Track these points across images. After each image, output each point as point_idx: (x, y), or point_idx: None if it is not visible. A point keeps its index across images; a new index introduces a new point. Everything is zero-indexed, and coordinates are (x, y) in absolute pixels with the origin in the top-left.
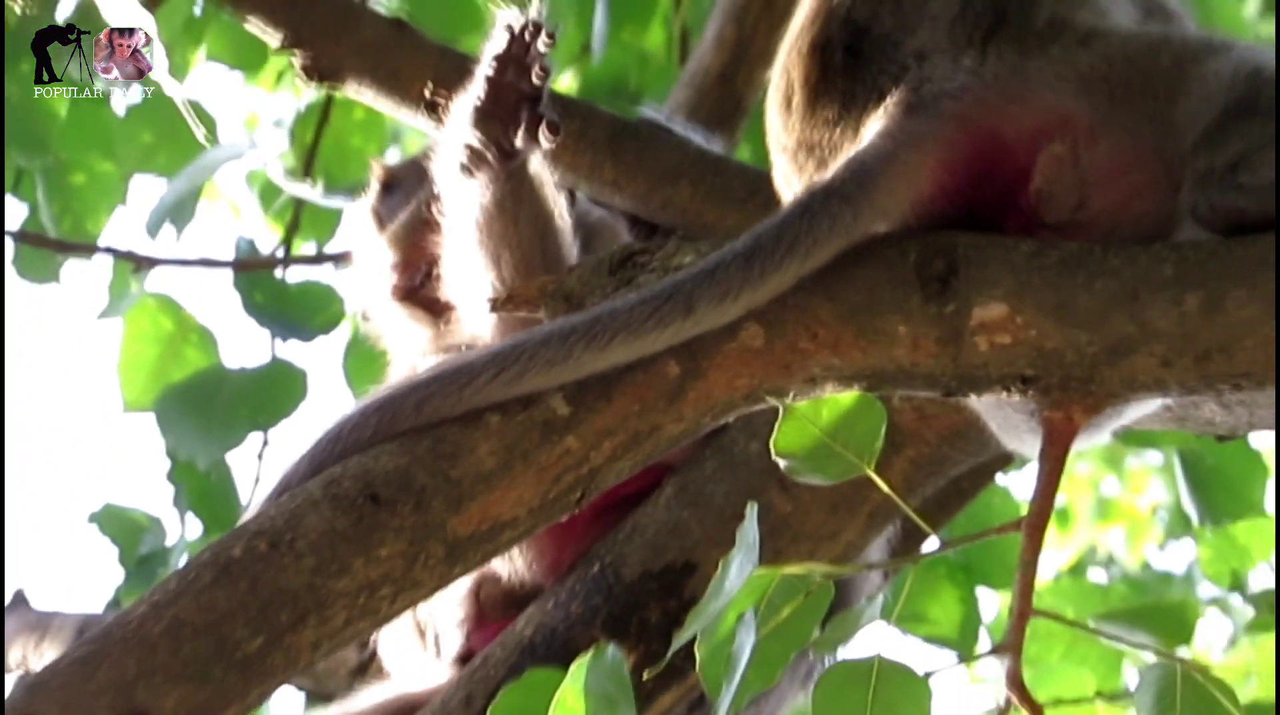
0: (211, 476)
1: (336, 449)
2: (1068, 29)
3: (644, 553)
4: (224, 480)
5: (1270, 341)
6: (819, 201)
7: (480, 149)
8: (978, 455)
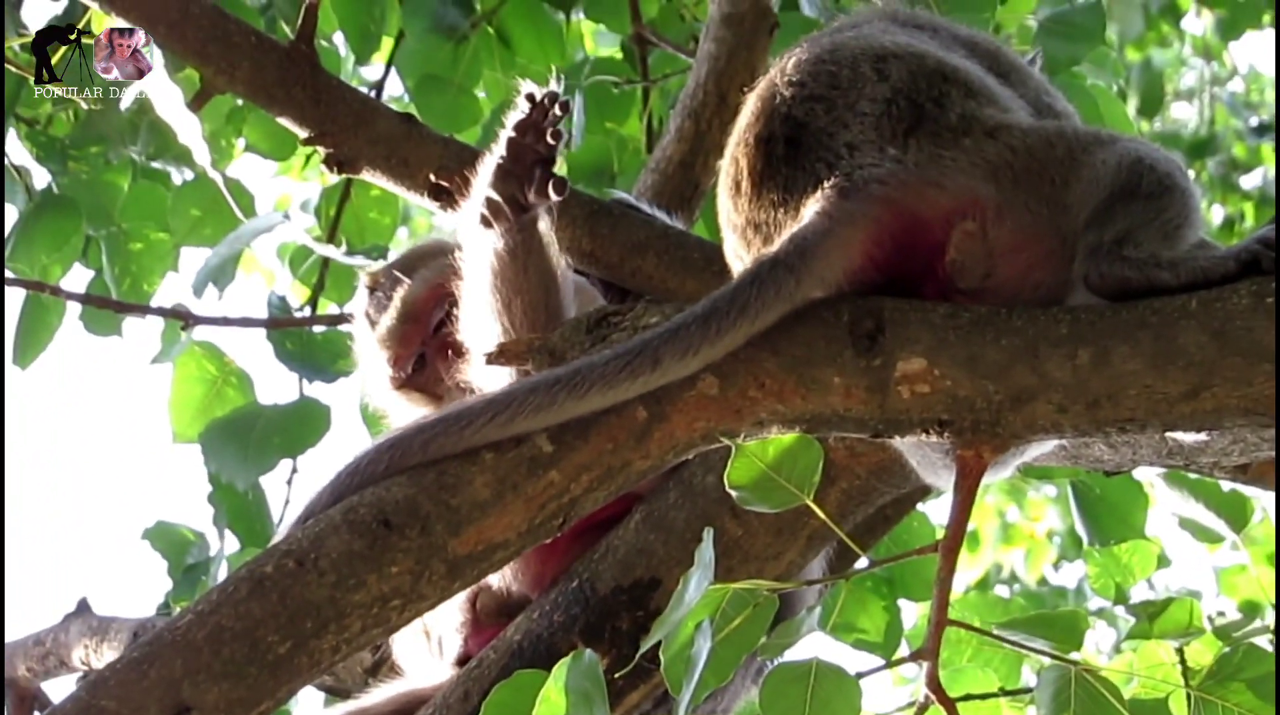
0: (248, 497)
1: (355, 481)
2: (976, 123)
3: (616, 570)
4: (258, 501)
5: (1149, 391)
6: (766, 271)
7: (498, 203)
8: (901, 487)
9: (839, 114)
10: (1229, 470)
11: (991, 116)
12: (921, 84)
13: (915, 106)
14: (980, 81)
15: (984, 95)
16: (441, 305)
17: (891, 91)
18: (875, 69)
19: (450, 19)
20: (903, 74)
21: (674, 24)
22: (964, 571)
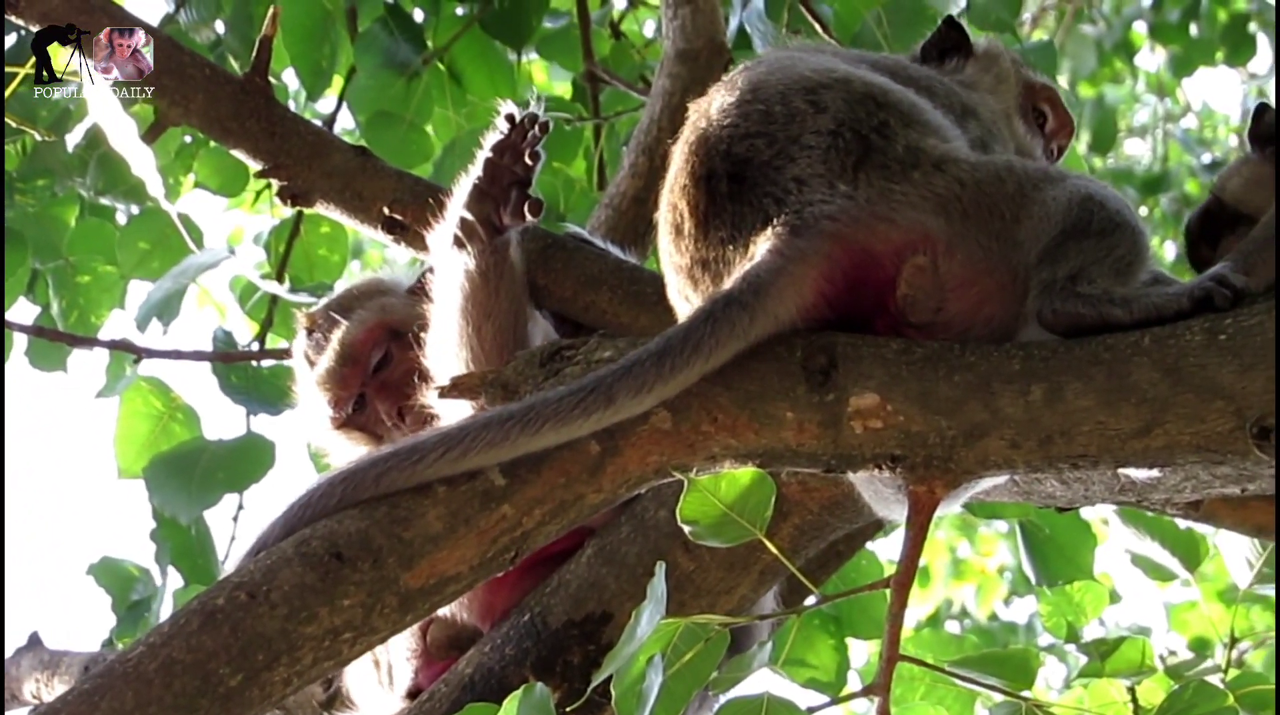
0: (192, 533)
1: (306, 514)
2: (922, 155)
3: (568, 604)
4: (203, 537)
5: (1101, 427)
6: (720, 308)
7: (473, 224)
8: (853, 522)
9: (782, 147)
10: (1181, 507)
11: (935, 145)
12: (860, 112)
13: (861, 138)
14: (910, 103)
15: (919, 122)
16: (380, 346)
17: (834, 123)
18: (809, 101)
19: (402, 55)
20: (838, 103)
21: (625, 62)
22: (915, 607)
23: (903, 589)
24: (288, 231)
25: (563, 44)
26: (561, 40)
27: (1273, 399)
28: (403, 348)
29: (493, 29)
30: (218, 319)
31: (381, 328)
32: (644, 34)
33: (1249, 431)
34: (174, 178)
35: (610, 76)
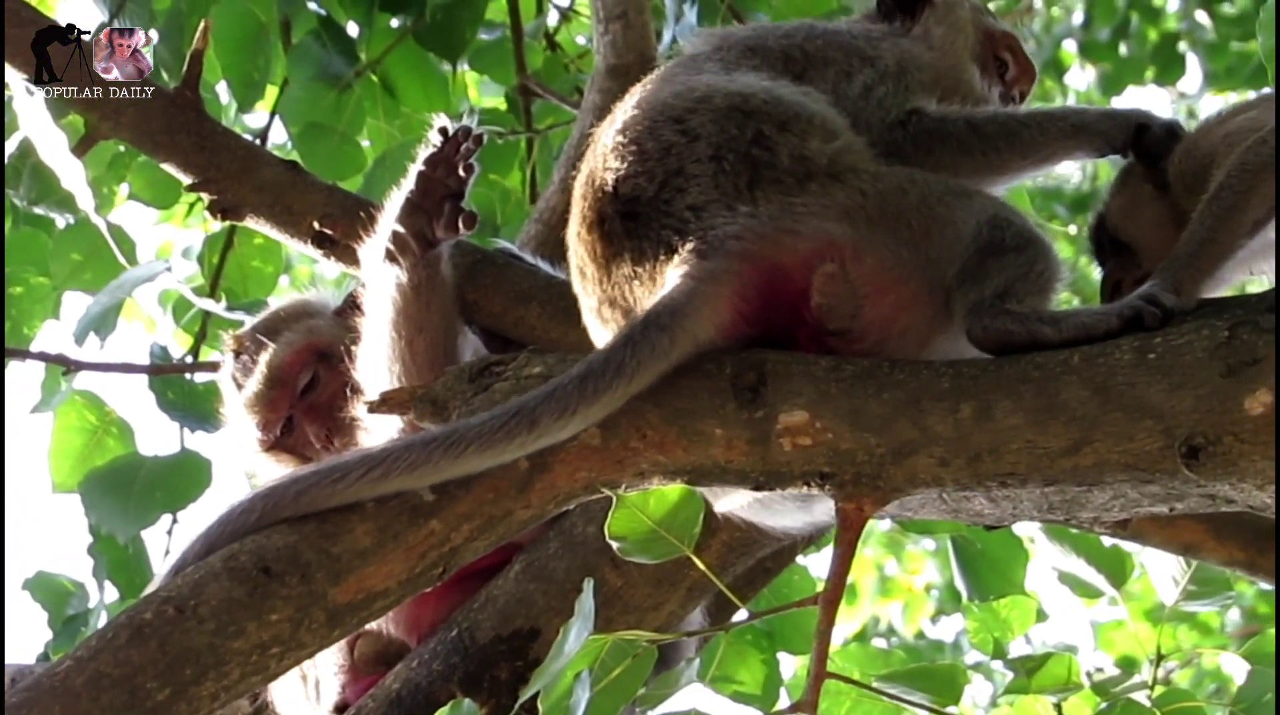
0: (128, 550)
1: (226, 531)
2: (811, 162)
3: (496, 620)
4: (139, 553)
5: (1030, 445)
6: (639, 332)
7: (405, 238)
8: (781, 539)
9: (666, 180)
10: (1109, 526)
11: (819, 151)
12: (731, 130)
13: (744, 157)
14: (778, 101)
15: (795, 121)
16: (308, 368)
17: (712, 148)
18: (678, 131)
19: (335, 67)
20: (707, 127)
21: (558, 75)
22: (842, 624)
23: (831, 606)
24: (221, 243)
25: (496, 56)
26: (495, 53)
27: (1201, 418)
28: (330, 370)
29: (426, 41)
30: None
31: (309, 350)
32: (578, 46)
33: (1178, 451)
34: (107, 188)
35: (543, 89)
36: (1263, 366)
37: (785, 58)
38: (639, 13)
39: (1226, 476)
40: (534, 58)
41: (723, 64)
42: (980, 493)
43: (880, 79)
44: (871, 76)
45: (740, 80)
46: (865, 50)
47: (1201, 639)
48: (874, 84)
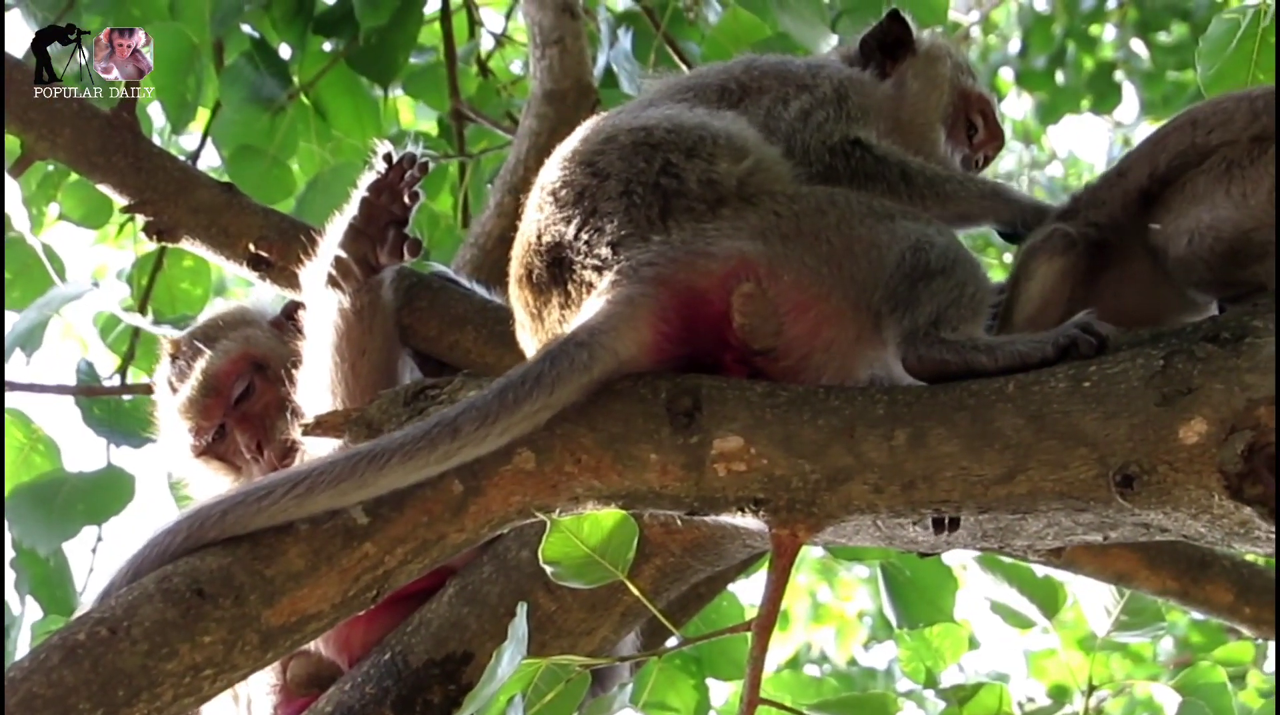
0: (50, 564)
1: (153, 553)
2: (720, 185)
3: (429, 643)
4: (61, 568)
5: (965, 473)
6: (559, 347)
7: (348, 263)
8: (715, 565)
9: (584, 221)
10: (1043, 554)
11: (728, 172)
12: (639, 163)
13: (653, 188)
14: (684, 131)
15: (702, 145)
16: (243, 377)
17: (622, 184)
18: (589, 173)
19: (268, 90)
20: (615, 164)
21: (491, 100)
22: (774, 650)
23: (764, 632)
24: (151, 265)
25: (429, 81)
26: (428, 77)
27: (1135, 447)
28: (265, 380)
29: (359, 65)
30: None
31: (246, 359)
32: (511, 72)
33: (1112, 479)
34: (37, 208)
35: (476, 114)
36: (1198, 396)
37: (722, 90)
38: (575, 38)
39: (1160, 505)
40: (467, 83)
41: (651, 104)
42: (914, 520)
43: (818, 104)
44: (809, 102)
45: (644, 115)
46: (804, 79)
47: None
48: (812, 109)
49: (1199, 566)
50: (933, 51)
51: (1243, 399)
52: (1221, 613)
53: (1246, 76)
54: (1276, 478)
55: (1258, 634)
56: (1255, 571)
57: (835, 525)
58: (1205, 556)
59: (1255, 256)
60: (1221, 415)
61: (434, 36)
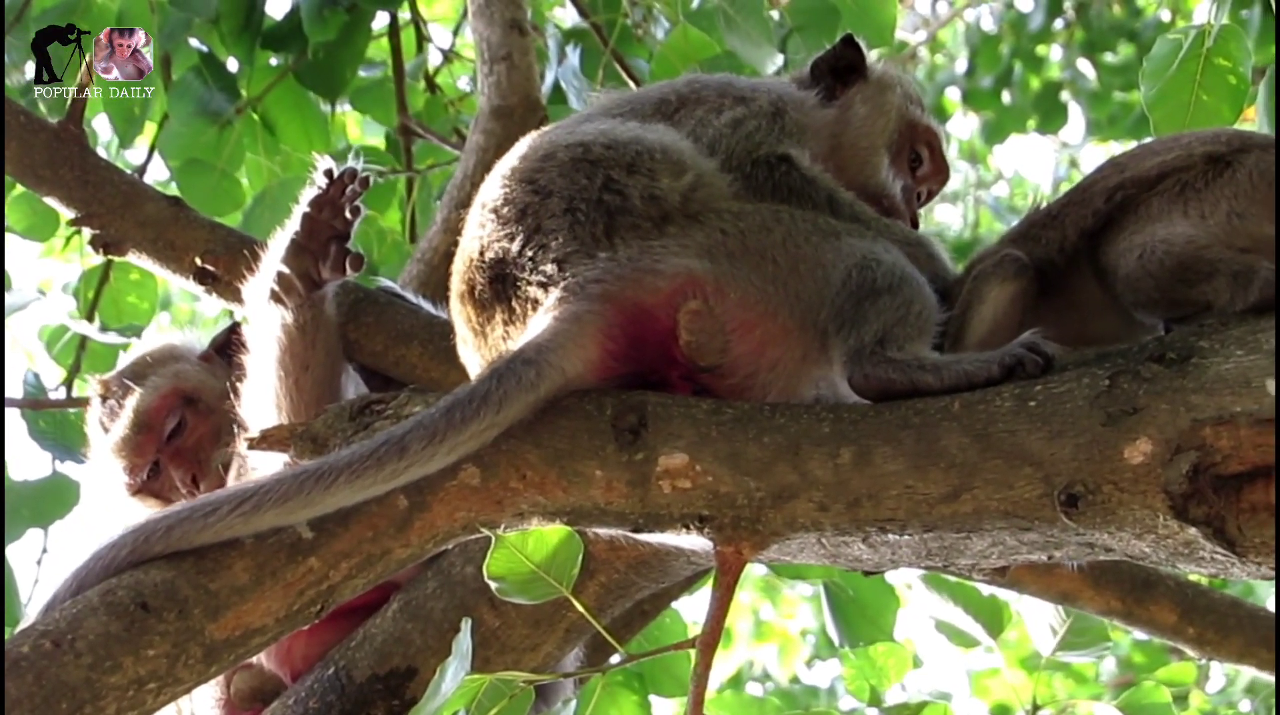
0: None
1: (97, 567)
2: (664, 201)
3: (373, 658)
4: (7, 578)
5: (910, 491)
6: (504, 365)
7: (291, 278)
8: (659, 582)
9: (528, 238)
10: (988, 573)
11: (670, 188)
12: (580, 180)
13: (597, 204)
14: (620, 146)
15: (641, 162)
16: (174, 412)
17: (565, 202)
18: (531, 191)
19: (216, 104)
20: (556, 181)
21: (439, 116)
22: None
23: (708, 649)
24: (97, 278)
25: (377, 96)
26: (376, 92)
27: (1080, 466)
28: (196, 414)
29: (307, 80)
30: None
31: (176, 395)
32: (458, 88)
33: (1057, 499)
34: None
35: (424, 129)
36: (1143, 416)
37: (660, 103)
38: (523, 54)
39: (1105, 525)
40: (415, 98)
41: (587, 120)
42: (859, 538)
43: (752, 116)
44: (743, 113)
45: (580, 131)
46: (744, 93)
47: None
48: (744, 119)
49: (1143, 587)
50: (884, 79)
51: (1188, 419)
52: (1165, 633)
53: (1190, 96)
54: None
55: (1201, 654)
56: (1199, 592)
57: (780, 543)
58: (1149, 577)
59: (1204, 274)
60: (1166, 436)
61: (382, 52)
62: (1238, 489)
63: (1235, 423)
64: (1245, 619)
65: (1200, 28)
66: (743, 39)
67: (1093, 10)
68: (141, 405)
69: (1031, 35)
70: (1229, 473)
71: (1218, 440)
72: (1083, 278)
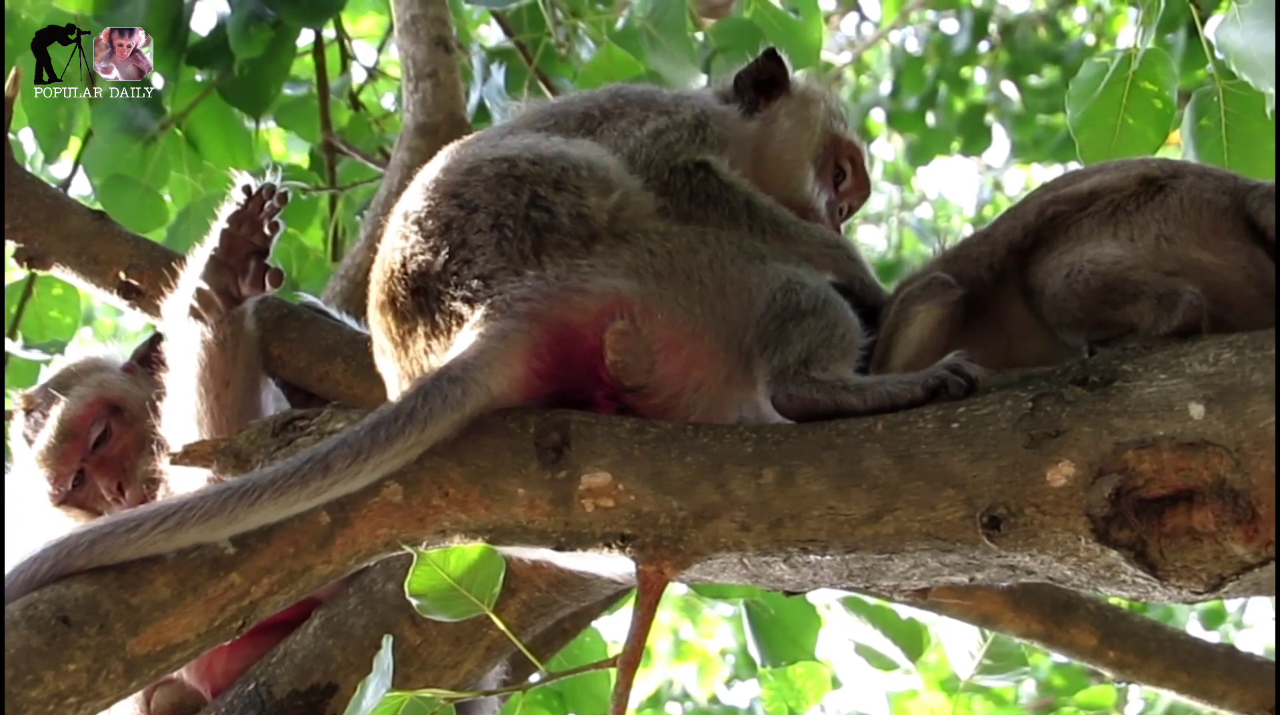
0: None
1: (19, 581)
2: (592, 220)
3: (293, 674)
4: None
5: (832, 512)
6: (430, 383)
7: (210, 294)
8: (581, 600)
9: (453, 252)
10: (909, 594)
11: (598, 207)
12: (507, 196)
13: (524, 221)
14: (546, 162)
15: (567, 179)
16: (100, 421)
17: (491, 218)
18: (456, 205)
19: (140, 120)
20: (482, 196)
21: (363, 133)
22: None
23: (629, 668)
24: (20, 292)
25: (301, 113)
26: (300, 109)
27: (1003, 489)
28: (122, 423)
29: (231, 97)
30: None
31: (101, 403)
32: (382, 106)
33: (979, 520)
34: None
35: (347, 147)
36: (1065, 438)
37: (584, 116)
38: (449, 72)
39: (1027, 547)
40: (339, 115)
41: (511, 133)
42: (781, 558)
43: (674, 127)
44: (665, 123)
45: (504, 145)
46: (667, 105)
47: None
48: (665, 129)
49: (1063, 609)
50: (807, 93)
51: (1110, 442)
52: (1085, 656)
53: (1116, 120)
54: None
55: (1121, 677)
56: (1119, 615)
57: (702, 562)
58: (1070, 599)
59: (1129, 296)
60: (1089, 458)
61: (306, 69)
62: (1160, 513)
63: (1158, 446)
64: (1165, 643)
65: (1126, 51)
66: (666, 59)
67: (1017, 33)
68: (67, 414)
69: (956, 57)
70: (1151, 496)
71: (1140, 464)
72: (1010, 298)
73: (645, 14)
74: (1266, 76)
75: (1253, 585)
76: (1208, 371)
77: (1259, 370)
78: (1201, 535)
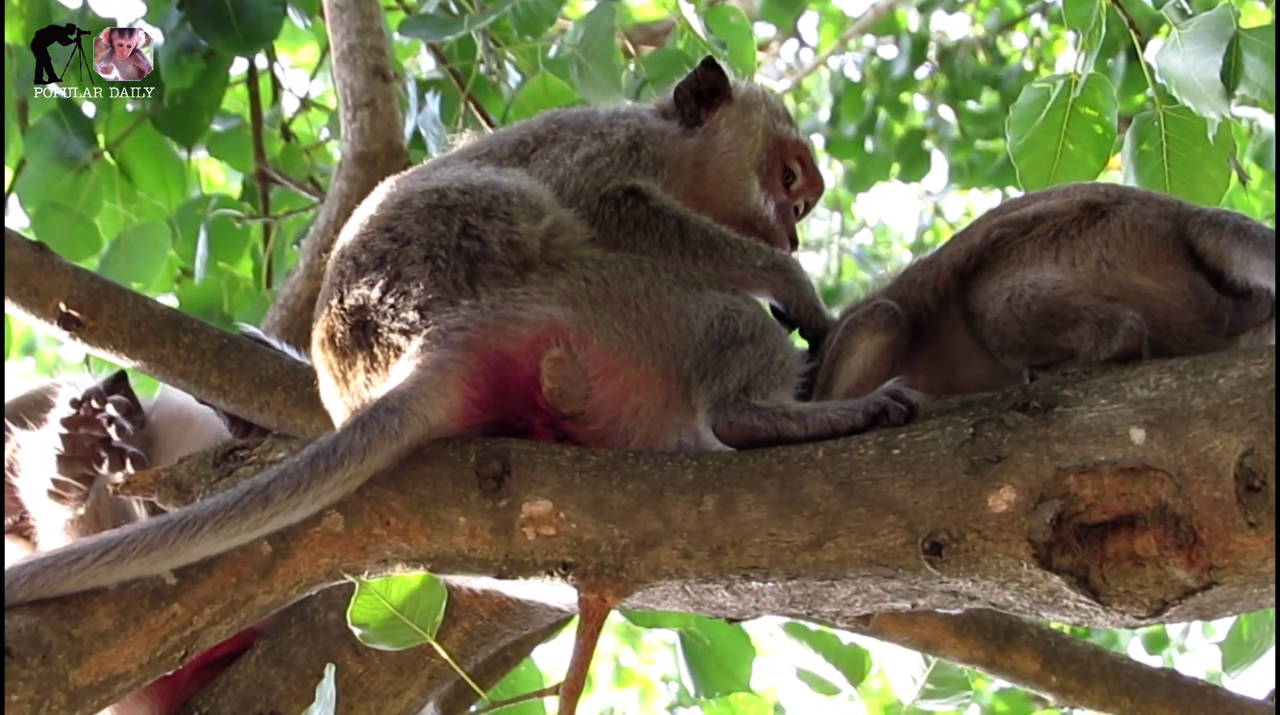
0: None
1: None
2: (525, 247)
3: (236, 704)
4: None
5: (773, 539)
6: (369, 413)
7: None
8: (523, 629)
9: (390, 285)
10: (851, 621)
11: (529, 233)
12: (438, 227)
13: (456, 251)
14: (476, 191)
15: (497, 207)
16: None
17: (424, 249)
18: (389, 238)
19: (72, 149)
20: (413, 228)
21: (296, 162)
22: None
23: (572, 696)
24: None
25: (234, 143)
26: (232, 139)
27: (944, 515)
28: None
29: (164, 126)
30: None
31: None
32: (315, 135)
33: (920, 546)
34: None
35: (280, 176)
36: (1006, 464)
37: (518, 145)
38: (386, 101)
39: (969, 573)
40: (271, 145)
41: (443, 165)
42: (723, 585)
43: (605, 152)
44: (597, 148)
45: (435, 177)
46: (600, 127)
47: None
48: (597, 155)
49: (1006, 635)
50: (748, 98)
51: (1051, 468)
52: (1028, 681)
53: (1057, 145)
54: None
55: (1063, 703)
56: (1062, 640)
57: (644, 590)
58: (1012, 625)
59: (1070, 321)
60: (1030, 484)
61: (239, 99)
62: (1101, 538)
63: (1099, 472)
64: (1108, 668)
65: (1067, 77)
66: (594, 88)
67: (956, 58)
68: None
69: (895, 82)
70: (1093, 521)
71: (1081, 489)
72: (953, 324)
73: (575, 42)
74: (1207, 101)
75: (1195, 609)
76: (1149, 396)
77: (1199, 395)
78: (1143, 560)
